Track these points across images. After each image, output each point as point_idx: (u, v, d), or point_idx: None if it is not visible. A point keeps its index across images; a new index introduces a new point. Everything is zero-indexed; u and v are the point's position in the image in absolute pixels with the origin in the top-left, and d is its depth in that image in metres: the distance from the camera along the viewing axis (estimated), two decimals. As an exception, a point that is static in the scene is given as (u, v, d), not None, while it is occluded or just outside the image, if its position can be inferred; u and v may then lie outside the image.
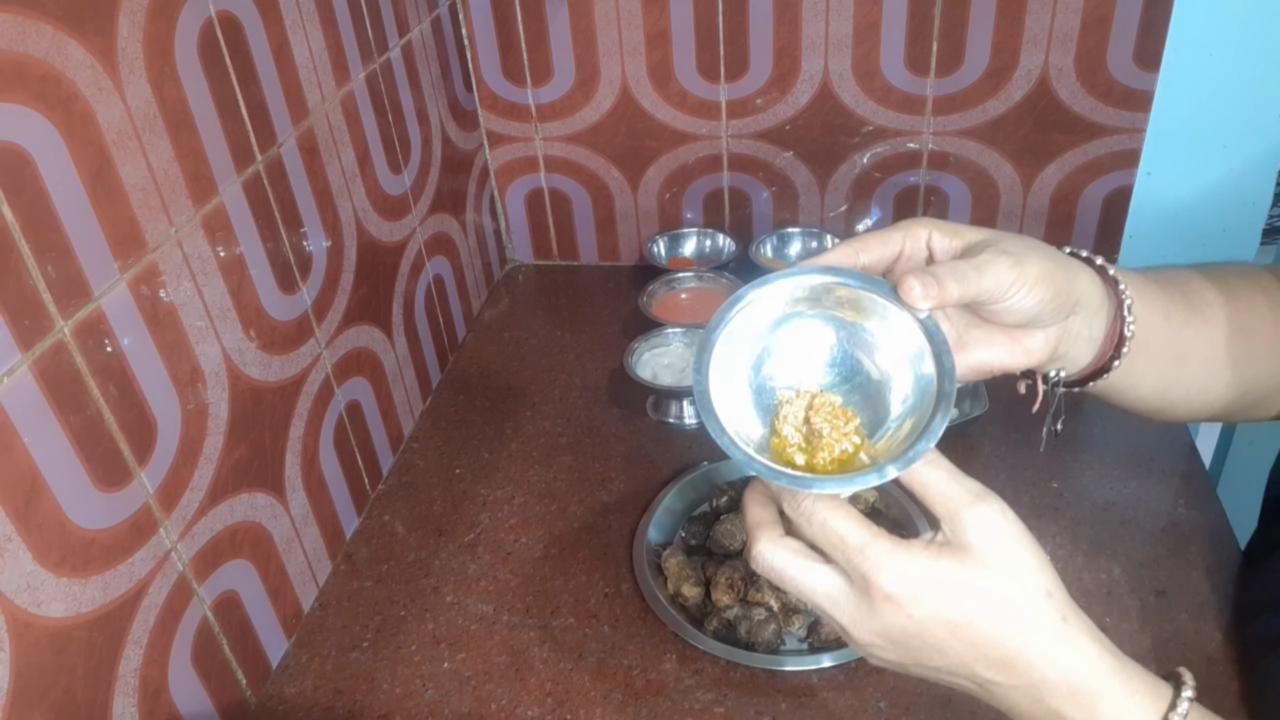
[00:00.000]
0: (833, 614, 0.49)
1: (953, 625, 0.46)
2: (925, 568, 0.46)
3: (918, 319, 0.50)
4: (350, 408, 0.90)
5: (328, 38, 0.84)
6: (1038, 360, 0.56)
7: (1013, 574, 0.46)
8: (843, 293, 0.52)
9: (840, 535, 0.47)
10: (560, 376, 1.09)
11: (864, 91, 1.10)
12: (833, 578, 0.48)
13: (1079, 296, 0.54)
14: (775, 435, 0.52)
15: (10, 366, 0.52)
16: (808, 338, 0.54)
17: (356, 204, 0.90)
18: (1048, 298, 0.52)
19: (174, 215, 0.65)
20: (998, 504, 0.47)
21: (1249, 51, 1.04)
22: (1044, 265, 0.52)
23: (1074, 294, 0.54)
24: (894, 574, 0.46)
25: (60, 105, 0.55)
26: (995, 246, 0.52)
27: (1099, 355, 0.58)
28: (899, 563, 0.46)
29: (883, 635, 0.47)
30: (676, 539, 0.86)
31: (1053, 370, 0.58)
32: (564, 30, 1.11)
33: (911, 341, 0.51)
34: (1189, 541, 0.82)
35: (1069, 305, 0.54)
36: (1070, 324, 0.55)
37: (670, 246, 1.22)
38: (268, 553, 0.77)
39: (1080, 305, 0.55)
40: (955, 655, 0.47)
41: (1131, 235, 1.16)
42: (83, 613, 0.58)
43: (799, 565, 0.49)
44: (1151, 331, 0.58)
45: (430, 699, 0.75)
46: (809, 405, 0.52)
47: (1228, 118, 1.08)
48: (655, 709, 0.73)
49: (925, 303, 0.49)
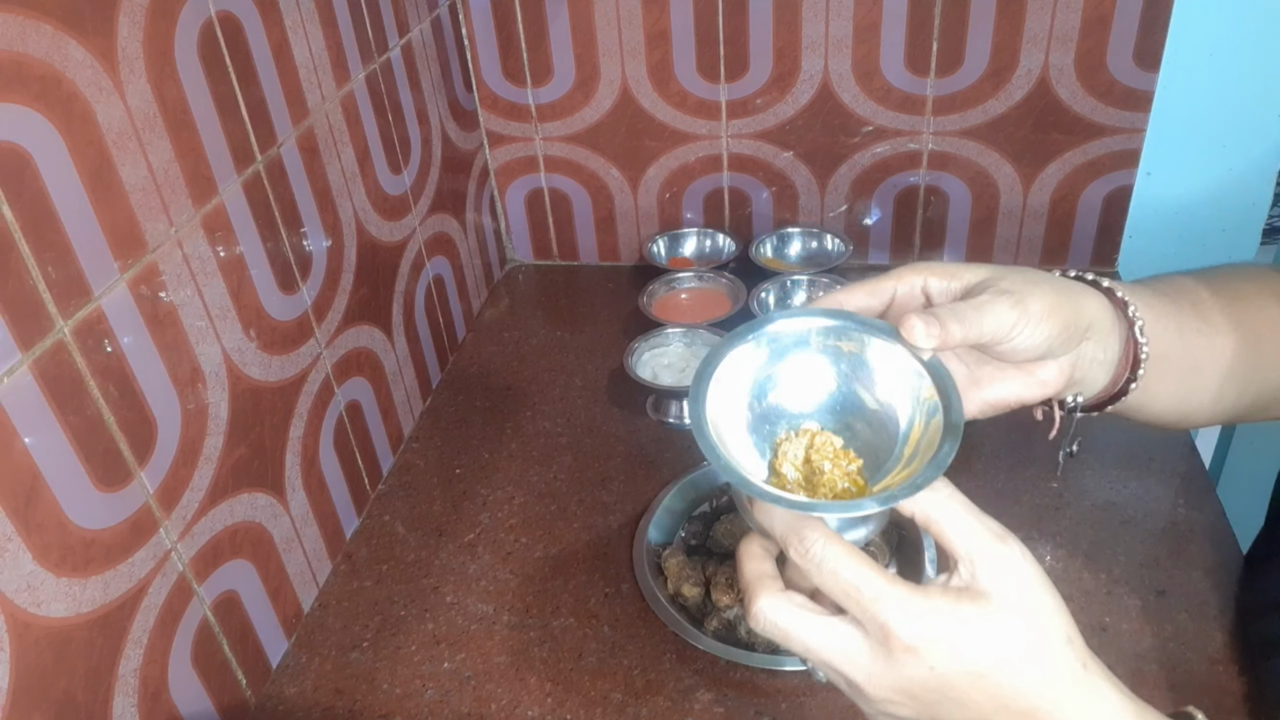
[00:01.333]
0: (846, 671, 0.45)
1: (975, 676, 0.43)
2: (946, 616, 0.43)
3: (920, 358, 0.49)
4: (350, 408, 0.90)
5: (328, 38, 0.84)
6: (1054, 390, 0.55)
7: (1034, 621, 0.44)
8: (843, 336, 0.51)
9: (854, 584, 0.44)
10: (560, 376, 1.09)
11: (864, 91, 1.10)
12: (848, 631, 0.45)
13: (1089, 323, 0.54)
14: (774, 475, 0.51)
15: (10, 366, 0.52)
16: (809, 374, 0.52)
17: (356, 204, 0.90)
18: (1055, 332, 0.51)
19: (174, 215, 0.65)
20: (1018, 546, 0.45)
21: (1249, 51, 1.04)
22: (1047, 299, 0.51)
23: (1083, 321, 0.53)
24: (915, 624, 0.43)
25: (60, 105, 0.55)
26: (995, 287, 0.51)
27: (1115, 377, 0.57)
28: (919, 612, 0.43)
29: (901, 690, 0.44)
30: (676, 539, 0.86)
31: (1070, 396, 0.57)
32: (564, 30, 1.11)
33: (913, 378, 0.50)
34: (1189, 541, 0.82)
35: (1079, 333, 0.53)
36: (1083, 350, 0.55)
37: (670, 246, 1.22)
38: (268, 553, 0.77)
39: (1091, 331, 0.54)
40: (976, 708, 0.44)
41: (1131, 235, 1.16)
42: (83, 613, 0.58)
43: (808, 621, 0.45)
44: (1166, 347, 0.57)
45: (430, 699, 0.75)
46: (809, 445, 0.51)
47: (1228, 118, 1.08)
48: (655, 709, 0.73)
49: (928, 342, 0.48)
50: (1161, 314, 0.58)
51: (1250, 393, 0.61)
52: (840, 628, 0.45)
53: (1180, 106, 1.08)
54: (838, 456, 0.50)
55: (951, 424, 0.47)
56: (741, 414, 0.52)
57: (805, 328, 0.52)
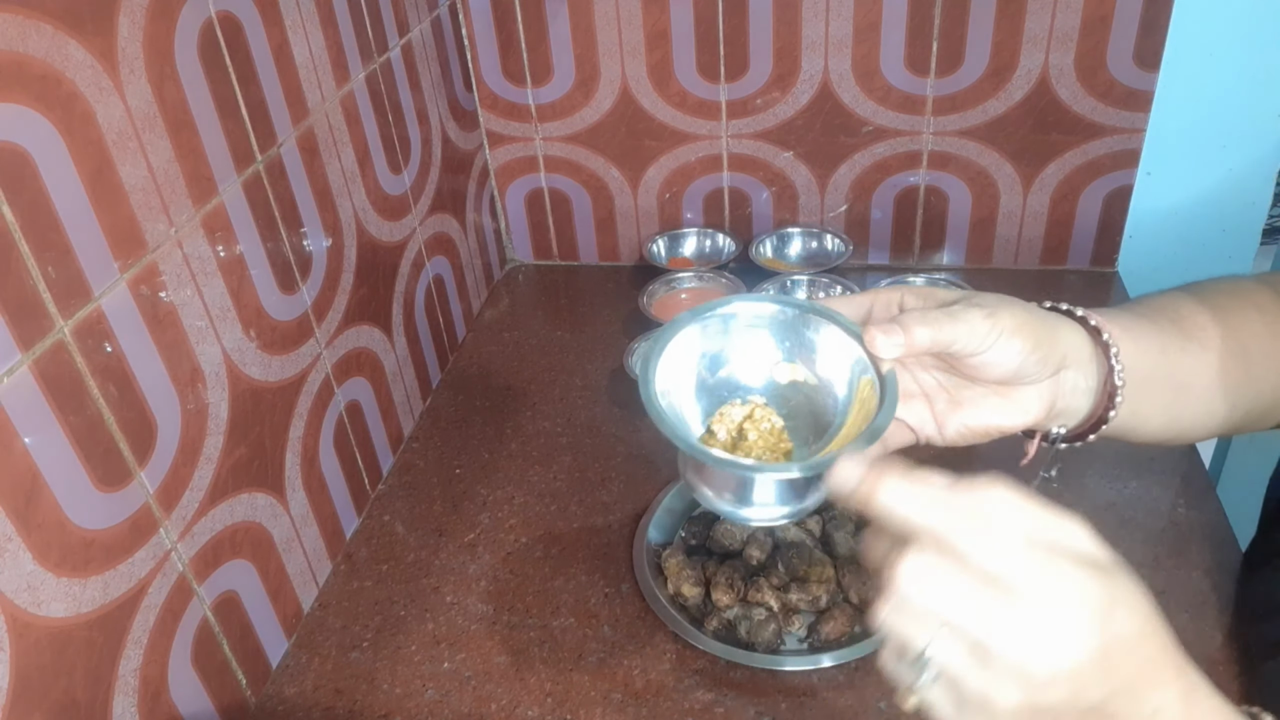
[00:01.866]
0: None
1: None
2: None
3: (879, 369, 0.50)
4: (350, 408, 0.90)
5: (328, 38, 0.84)
6: (1035, 418, 0.55)
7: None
8: (805, 322, 0.53)
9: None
10: (560, 376, 1.09)
11: (864, 91, 1.10)
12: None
13: (1064, 350, 0.54)
14: (707, 433, 0.53)
15: (10, 366, 0.52)
16: (764, 352, 0.55)
17: (356, 204, 0.90)
18: (1027, 349, 0.52)
19: (174, 215, 0.65)
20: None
21: (1249, 51, 1.04)
22: (1019, 317, 0.52)
23: (1058, 348, 0.54)
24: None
25: (60, 105, 0.55)
26: (969, 300, 0.52)
27: (1096, 405, 0.57)
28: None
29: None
30: (676, 539, 0.86)
31: (1054, 428, 0.57)
32: (564, 30, 1.11)
33: (858, 367, 0.52)
34: (1189, 541, 0.82)
35: (1055, 359, 0.54)
36: (1063, 379, 0.55)
37: (670, 246, 1.22)
38: (268, 553, 0.77)
39: (1068, 359, 0.54)
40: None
41: (1131, 235, 1.16)
42: (83, 613, 0.58)
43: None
44: (1150, 368, 0.57)
45: (430, 699, 0.75)
46: (748, 415, 0.52)
47: (1228, 118, 1.08)
48: (655, 709, 0.73)
49: (890, 351, 0.48)
50: (1142, 335, 0.58)
51: (1242, 406, 0.61)
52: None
53: (1180, 106, 1.08)
54: (772, 433, 0.52)
55: (875, 427, 0.48)
56: (690, 380, 0.53)
57: (768, 310, 0.54)
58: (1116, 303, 1.12)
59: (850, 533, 0.82)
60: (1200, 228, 1.16)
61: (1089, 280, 1.17)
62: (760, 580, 0.78)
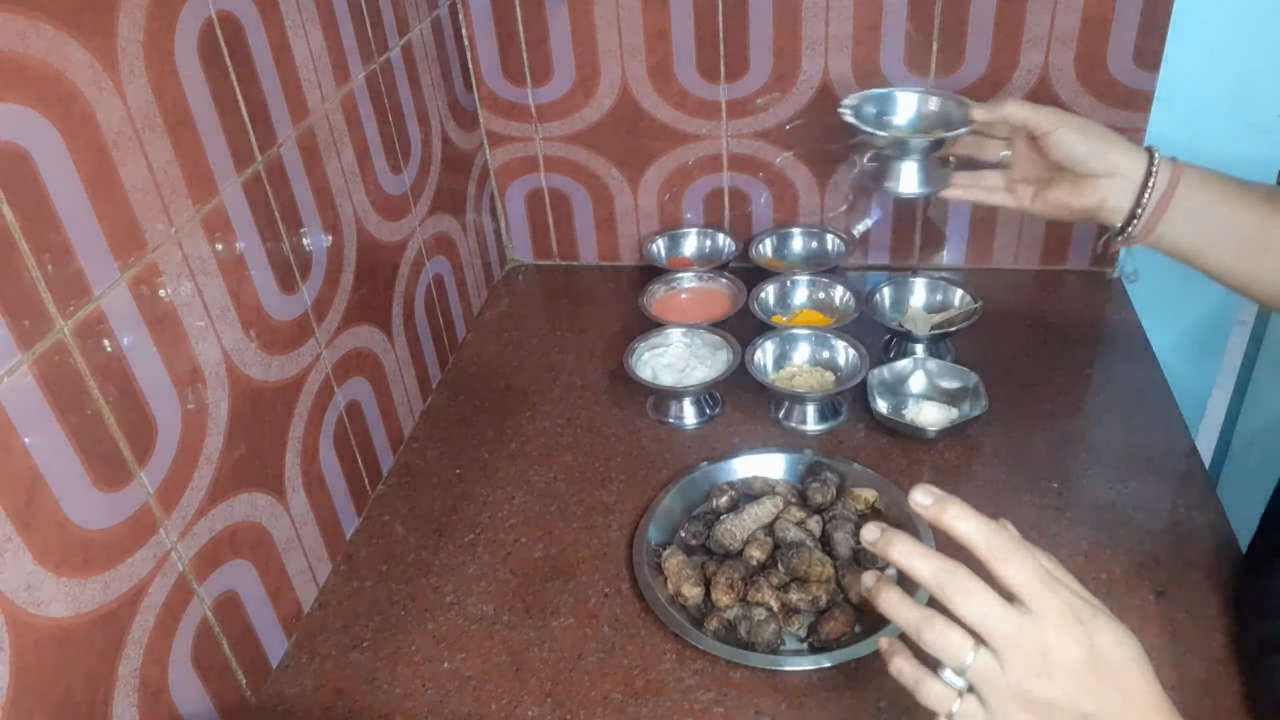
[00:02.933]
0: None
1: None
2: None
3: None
4: (350, 408, 0.90)
5: (328, 38, 0.84)
6: (1090, 203, 0.79)
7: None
8: None
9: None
10: (560, 376, 1.09)
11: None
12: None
13: (1114, 158, 0.77)
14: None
15: (10, 366, 0.52)
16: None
17: (356, 204, 0.90)
18: (1078, 139, 0.78)
19: (174, 215, 0.65)
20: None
21: (1249, 51, 1.04)
22: (1082, 122, 0.79)
23: (1110, 155, 0.78)
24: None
25: (60, 105, 0.55)
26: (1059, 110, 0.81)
27: (1133, 208, 0.77)
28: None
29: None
30: (676, 539, 0.86)
31: (1113, 222, 0.79)
32: (564, 30, 1.11)
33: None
34: (1189, 541, 0.82)
35: (1107, 162, 0.77)
36: (1115, 181, 0.77)
37: (670, 246, 1.22)
38: (268, 553, 0.77)
39: (1119, 167, 0.77)
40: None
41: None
42: (83, 613, 0.58)
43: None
44: (1211, 206, 0.76)
45: (430, 699, 0.75)
46: None
47: (1228, 117, 1.08)
48: (655, 709, 0.73)
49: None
50: (1215, 182, 0.77)
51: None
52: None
53: (1180, 106, 1.08)
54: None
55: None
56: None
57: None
58: (1117, 304, 1.13)
59: (850, 533, 0.82)
60: (1200, 228, 1.16)
61: (1089, 280, 1.17)
62: (760, 580, 0.78)
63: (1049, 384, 1.01)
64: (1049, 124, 0.79)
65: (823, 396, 0.96)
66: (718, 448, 0.96)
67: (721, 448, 0.96)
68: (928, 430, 0.93)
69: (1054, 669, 0.48)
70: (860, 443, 0.96)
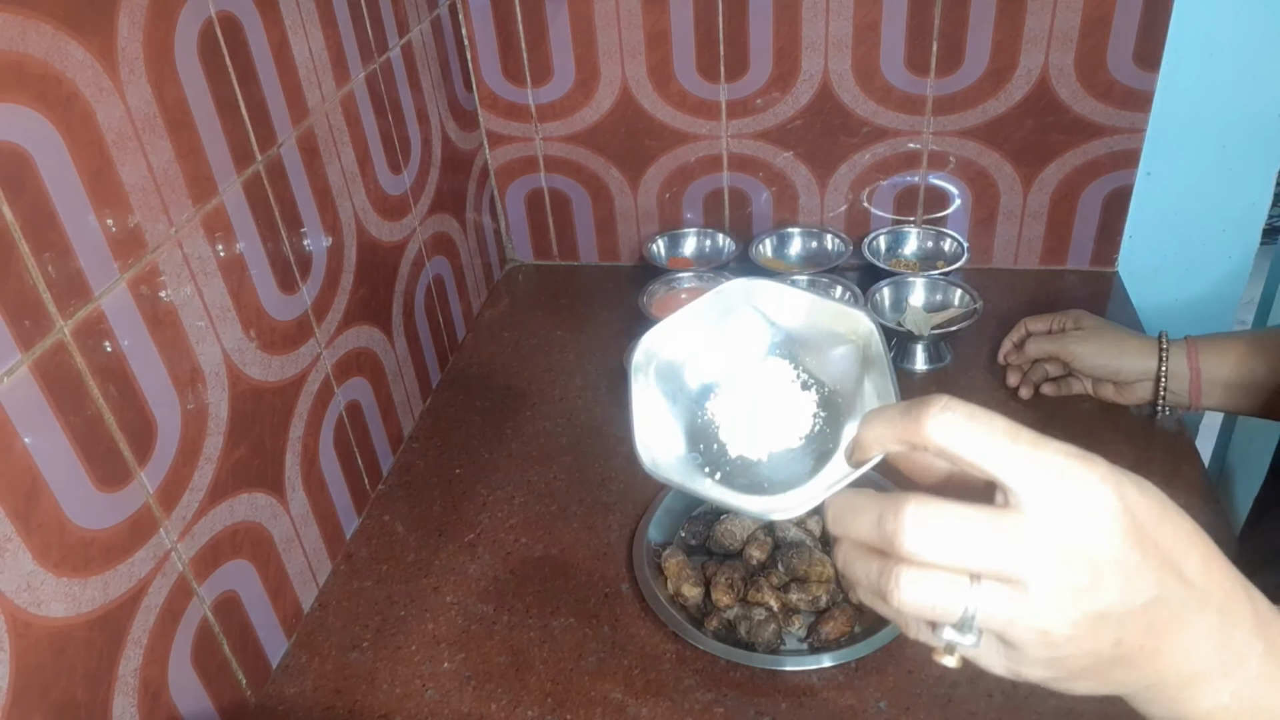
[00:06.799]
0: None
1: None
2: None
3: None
4: (350, 408, 0.90)
5: (328, 38, 0.84)
6: (1136, 398, 0.92)
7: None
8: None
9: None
10: (560, 376, 1.09)
11: (864, 91, 1.10)
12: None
13: (1134, 364, 0.90)
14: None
15: (10, 366, 0.52)
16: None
17: (356, 204, 0.90)
18: (1096, 358, 0.91)
19: (174, 215, 0.65)
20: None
21: (1249, 51, 1.04)
22: (1096, 341, 0.92)
23: (1128, 362, 0.90)
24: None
25: (60, 105, 0.55)
26: (1080, 324, 0.95)
27: (1154, 400, 0.91)
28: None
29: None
30: (676, 539, 0.86)
31: (1145, 406, 0.93)
32: (564, 30, 1.11)
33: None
34: (1189, 541, 0.82)
35: (1132, 369, 0.90)
36: (1145, 383, 0.90)
37: (670, 246, 1.22)
38: (268, 553, 0.77)
39: (1139, 373, 0.90)
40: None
41: (1131, 235, 1.16)
42: (83, 613, 0.58)
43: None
44: (1229, 374, 0.86)
45: (430, 699, 0.75)
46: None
47: (1228, 118, 1.08)
48: (655, 709, 0.73)
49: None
50: (1229, 349, 0.86)
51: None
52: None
53: (1180, 106, 1.08)
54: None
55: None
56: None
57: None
58: (1116, 301, 1.13)
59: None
60: (1200, 228, 1.16)
61: (1089, 280, 1.17)
62: (760, 580, 0.78)
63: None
64: (1068, 355, 0.92)
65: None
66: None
67: (721, 448, 0.96)
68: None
69: (1099, 569, 0.36)
70: (860, 443, 0.96)
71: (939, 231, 1.17)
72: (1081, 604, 0.35)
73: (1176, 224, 1.16)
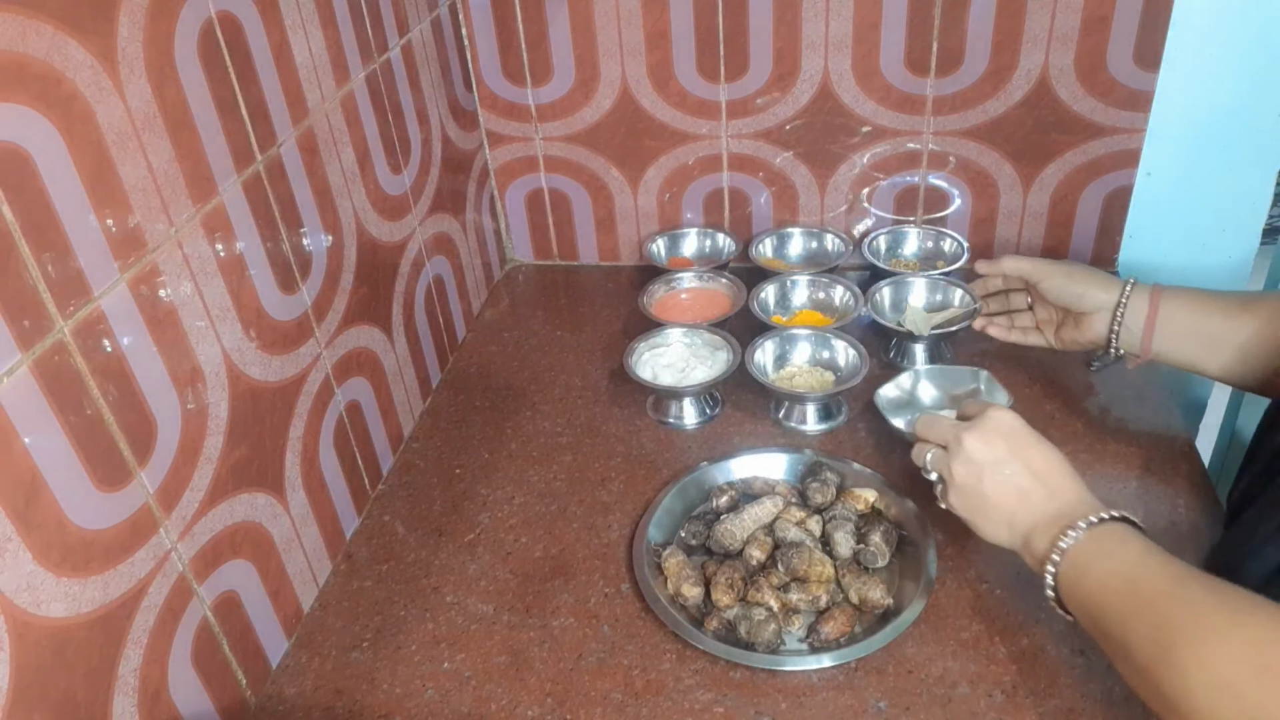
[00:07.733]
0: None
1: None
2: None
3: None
4: (350, 408, 0.90)
5: (328, 38, 0.84)
6: (1093, 334, 0.90)
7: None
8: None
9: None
10: (560, 376, 1.09)
11: (864, 91, 1.10)
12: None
13: (1095, 297, 0.89)
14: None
15: (10, 366, 0.52)
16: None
17: (356, 204, 0.90)
18: (1062, 287, 0.91)
19: (174, 215, 0.65)
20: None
21: (1249, 51, 1.04)
22: (1067, 269, 0.92)
23: (1089, 296, 0.89)
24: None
25: (60, 105, 0.55)
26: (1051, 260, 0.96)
27: (1107, 335, 0.89)
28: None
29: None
30: (676, 539, 0.86)
31: (1102, 350, 0.92)
32: (564, 30, 1.11)
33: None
34: (1189, 541, 0.82)
35: (1089, 301, 0.89)
36: (1103, 315, 0.88)
37: (670, 246, 1.22)
38: (268, 553, 0.77)
39: (1101, 304, 0.88)
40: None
41: (1131, 235, 1.16)
42: (83, 613, 0.58)
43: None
44: (1188, 322, 0.84)
45: (430, 699, 0.75)
46: None
47: (1228, 118, 1.08)
48: (655, 709, 0.73)
49: (984, 268, 0.98)
50: (1190, 299, 0.85)
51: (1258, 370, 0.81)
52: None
53: (1180, 106, 1.07)
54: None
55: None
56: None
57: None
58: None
59: (850, 533, 0.82)
60: (1200, 228, 1.16)
61: (1089, 280, 1.17)
62: (760, 580, 0.78)
63: (1049, 385, 1.01)
64: (1039, 274, 0.92)
65: (823, 396, 0.96)
66: (718, 448, 0.96)
67: (721, 448, 0.96)
68: None
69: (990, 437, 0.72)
70: (860, 443, 0.96)
71: (939, 231, 1.17)
72: (975, 463, 0.72)
73: (1176, 224, 1.16)
